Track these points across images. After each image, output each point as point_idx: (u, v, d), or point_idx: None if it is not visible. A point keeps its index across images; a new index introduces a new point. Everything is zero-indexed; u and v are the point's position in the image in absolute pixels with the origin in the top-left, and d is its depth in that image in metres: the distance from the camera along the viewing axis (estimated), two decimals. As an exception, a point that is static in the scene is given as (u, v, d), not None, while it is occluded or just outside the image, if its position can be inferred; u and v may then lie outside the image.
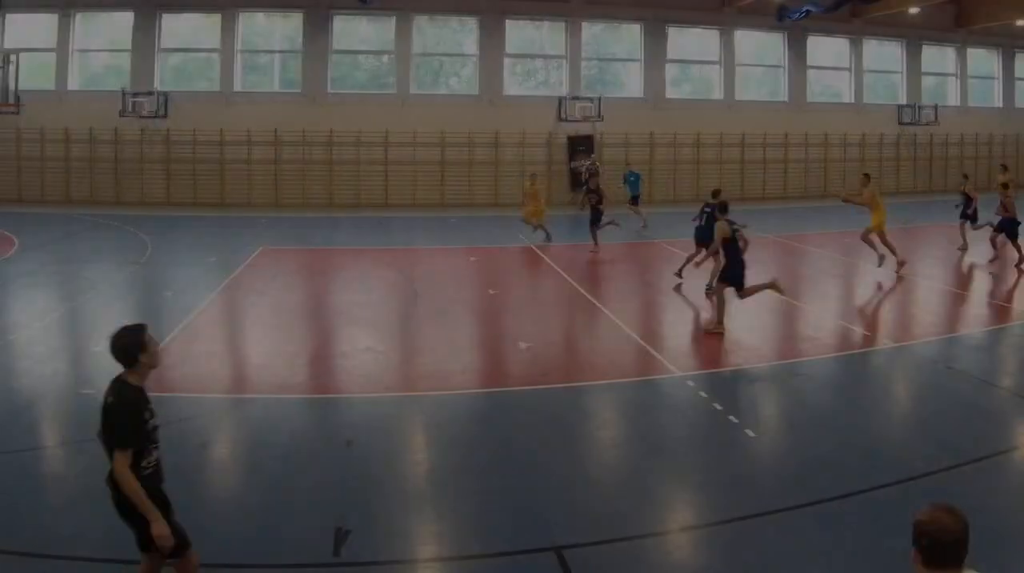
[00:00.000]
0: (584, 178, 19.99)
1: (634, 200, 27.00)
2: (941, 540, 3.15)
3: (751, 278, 13.70)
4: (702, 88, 35.32)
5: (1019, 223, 19.17)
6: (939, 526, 3.15)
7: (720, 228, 13.25)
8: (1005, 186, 20.03)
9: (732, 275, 13.31)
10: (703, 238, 16.25)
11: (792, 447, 8.98)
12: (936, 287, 17.63)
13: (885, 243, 18.04)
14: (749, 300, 13.95)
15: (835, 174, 35.47)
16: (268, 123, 31.31)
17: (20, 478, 7.95)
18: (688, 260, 17.08)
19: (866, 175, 19.48)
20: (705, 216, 16.12)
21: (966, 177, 22.79)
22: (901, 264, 17.78)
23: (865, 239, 18.50)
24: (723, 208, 13.53)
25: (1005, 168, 25.34)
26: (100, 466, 7.48)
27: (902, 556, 3.24)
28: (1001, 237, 19.64)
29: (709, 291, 15.22)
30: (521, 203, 24.30)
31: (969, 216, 21.32)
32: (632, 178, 27.63)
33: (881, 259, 18.03)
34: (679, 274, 17.13)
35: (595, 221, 20.95)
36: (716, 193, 15.94)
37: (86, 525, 6.92)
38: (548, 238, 22.77)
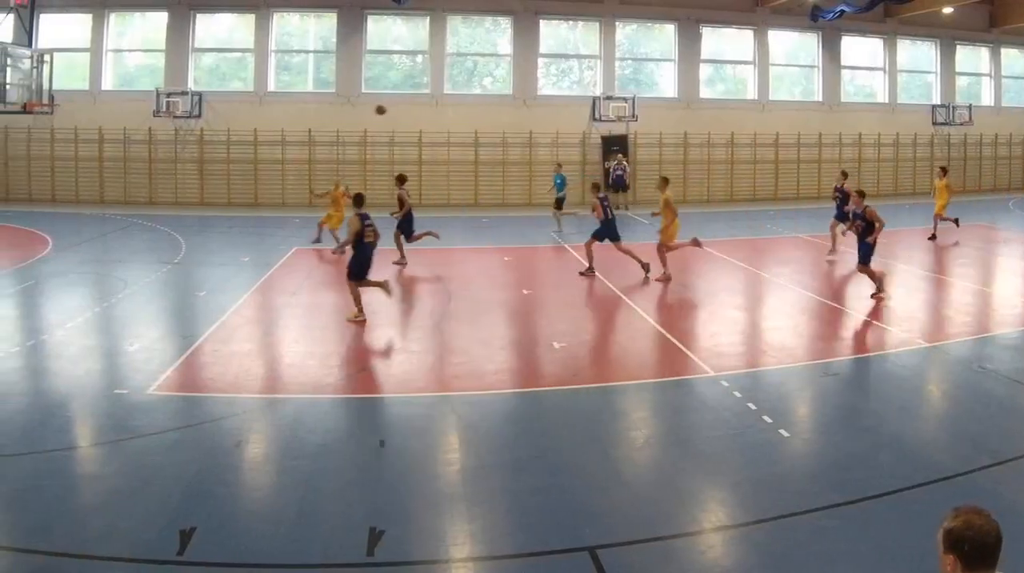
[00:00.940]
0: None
1: (558, 203, 25.47)
2: (985, 542, 3.05)
3: None
4: (736, 88, 34.21)
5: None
6: (978, 529, 3.06)
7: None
8: (861, 194, 17.27)
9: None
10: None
11: (826, 447, 8.69)
12: (968, 287, 16.96)
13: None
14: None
15: (869, 174, 34.14)
16: (302, 123, 30.40)
17: (53, 478, 7.66)
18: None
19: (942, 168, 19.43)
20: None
21: (845, 175, 20.85)
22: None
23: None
24: None
25: (944, 171, 22.76)
26: (134, 466, 7.71)
27: (936, 556, 3.07)
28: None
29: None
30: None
31: (845, 215, 19.57)
32: (558, 180, 26.23)
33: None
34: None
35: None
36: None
37: (119, 525, 6.72)
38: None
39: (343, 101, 30.97)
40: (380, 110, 21.91)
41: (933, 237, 21.43)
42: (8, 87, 25.86)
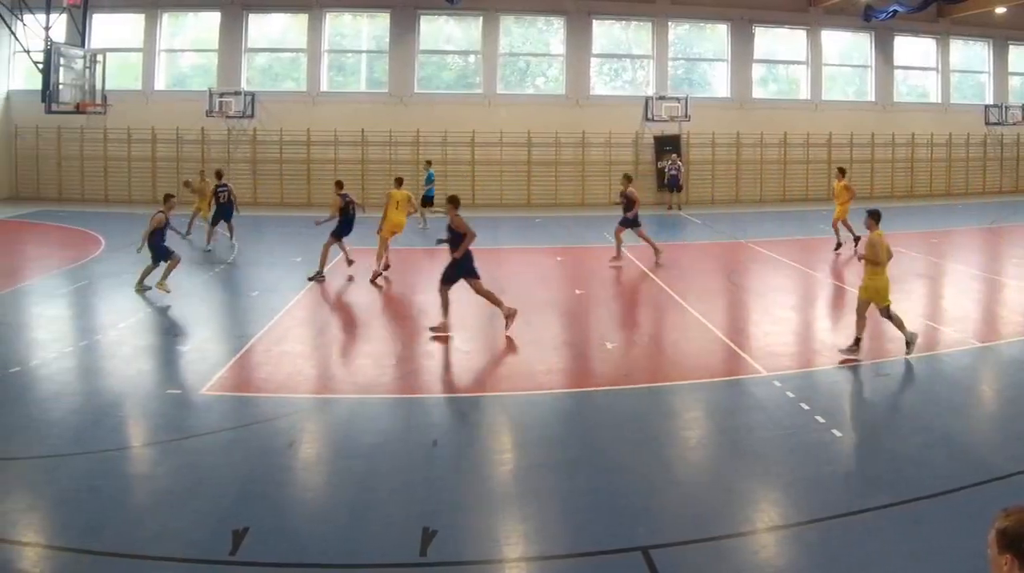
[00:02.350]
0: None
1: (427, 201, 24.00)
2: None
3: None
4: (789, 88, 32.47)
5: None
6: None
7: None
8: (628, 178, 18.61)
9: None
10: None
11: (878, 447, 8.46)
12: (1022, 287, 16.36)
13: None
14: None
15: (922, 174, 32.56)
16: (354, 123, 28.83)
17: (107, 478, 7.45)
18: None
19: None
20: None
21: (628, 178, 19.24)
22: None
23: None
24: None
25: (842, 172, 20.92)
26: (186, 466, 7.67)
27: (986, 558, 2.91)
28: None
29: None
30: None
31: (629, 221, 18.28)
32: (429, 177, 24.72)
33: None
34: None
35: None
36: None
37: (172, 525, 6.53)
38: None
39: (396, 101, 29.34)
40: None
41: (838, 246, 19.17)
42: (61, 87, 24.96)
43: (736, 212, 28.46)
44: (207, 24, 29.65)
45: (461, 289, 12.47)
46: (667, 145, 30.15)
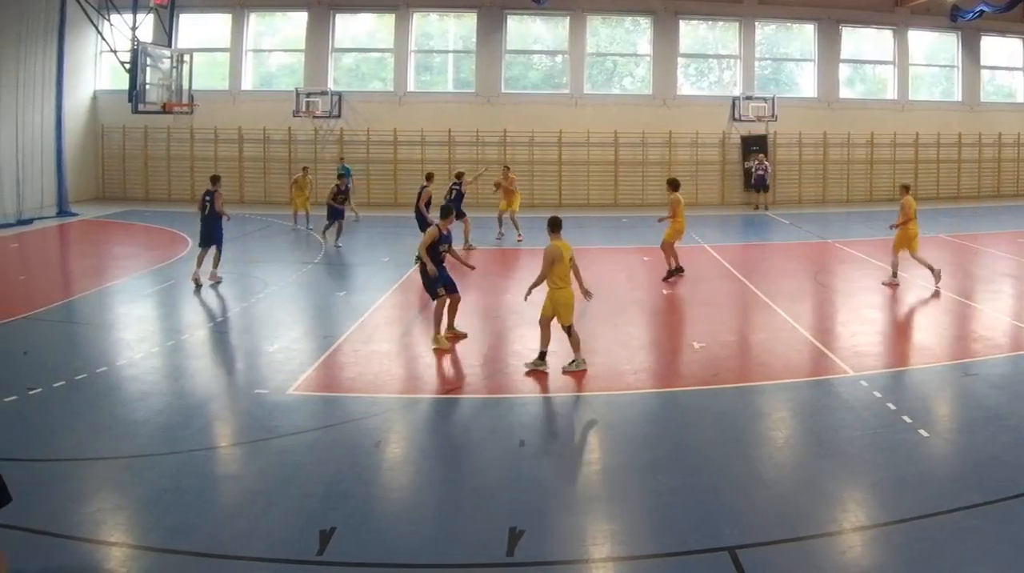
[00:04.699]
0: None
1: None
2: None
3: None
4: (875, 88, 29.82)
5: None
6: None
7: None
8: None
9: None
10: None
11: (966, 447, 7.87)
12: None
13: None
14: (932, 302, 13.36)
15: (1008, 174, 29.95)
16: (442, 123, 26.49)
17: (194, 478, 7.08)
18: None
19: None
20: None
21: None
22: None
23: None
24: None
25: (673, 185, 16.59)
26: (274, 466, 7.33)
27: None
28: None
29: None
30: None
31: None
32: (343, 172, 22.47)
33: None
34: None
35: None
36: None
37: (259, 525, 6.20)
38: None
39: (483, 101, 26.87)
40: None
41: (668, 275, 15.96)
42: (148, 87, 23.37)
43: (823, 212, 25.84)
44: (294, 24, 26.93)
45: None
46: (754, 145, 28.03)
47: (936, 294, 14.39)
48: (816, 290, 15.49)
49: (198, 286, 14.29)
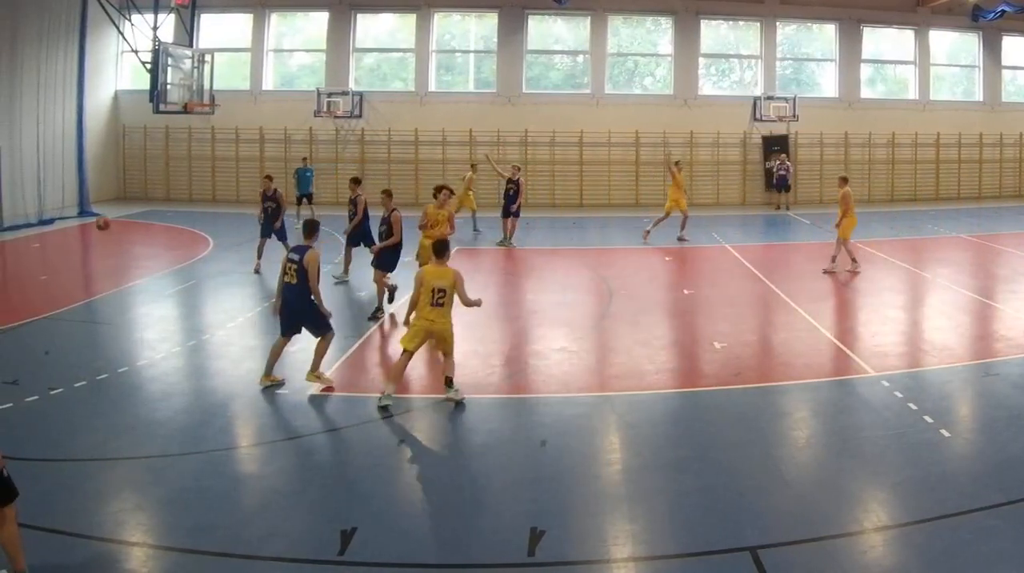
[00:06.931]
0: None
1: (306, 198, 21.54)
2: None
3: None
4: (897, 88, 28.94)
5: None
6: None
7: None
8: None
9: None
10: None
11: (988, 447, 7.70)
12: None
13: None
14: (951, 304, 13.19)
15: None
16: (463, 123, 25.71)
17: (215, 478, 6.94)
18: None
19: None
20: None
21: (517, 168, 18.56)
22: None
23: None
24: None
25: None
26: (295, 466, 7.21)
27: None
28: None
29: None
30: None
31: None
32: (307, 173, 21.83)
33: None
34: None
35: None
36: None
37: (280, 525, 6.10)
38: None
39: (504, 101, 26.02)
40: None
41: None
42: (169, 87, 22.83)
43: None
44: (315, 24, 26.10)
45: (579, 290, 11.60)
46: (775, 145, 27.13)
47: (831, 273, 15.56)
48: (837, 290, 15.06)
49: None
